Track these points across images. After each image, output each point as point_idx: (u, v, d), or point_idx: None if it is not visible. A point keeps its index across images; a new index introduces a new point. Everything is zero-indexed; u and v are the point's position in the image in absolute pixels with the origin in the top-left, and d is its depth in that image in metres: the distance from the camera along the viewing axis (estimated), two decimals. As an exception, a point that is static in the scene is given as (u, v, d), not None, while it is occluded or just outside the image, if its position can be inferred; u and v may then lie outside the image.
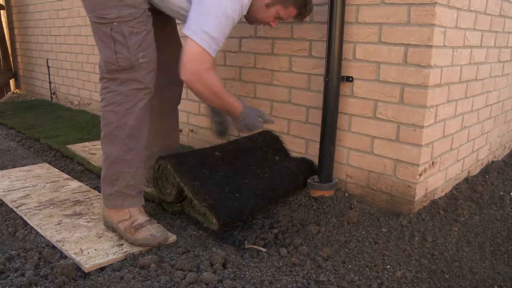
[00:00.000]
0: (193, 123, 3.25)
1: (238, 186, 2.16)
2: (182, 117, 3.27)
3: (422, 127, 2.04)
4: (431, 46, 1.96)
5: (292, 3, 2.07)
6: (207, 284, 1.63)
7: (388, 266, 1.80)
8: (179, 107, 2.49)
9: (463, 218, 2.17)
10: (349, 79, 2.24)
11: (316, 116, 2.41)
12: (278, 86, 2.61)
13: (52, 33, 5.13)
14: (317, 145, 2.34)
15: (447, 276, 1.78)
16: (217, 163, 2.26)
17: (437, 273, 1.79)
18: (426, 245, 1.94)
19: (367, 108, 2.22)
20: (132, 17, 1.82)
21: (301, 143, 2.55)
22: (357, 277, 1.71)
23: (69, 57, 4.89)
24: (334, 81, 2.19)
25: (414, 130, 2.06)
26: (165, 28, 2.20)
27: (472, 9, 2.21)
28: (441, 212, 2.20)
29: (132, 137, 1.91)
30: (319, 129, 2.31)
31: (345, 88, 2.27)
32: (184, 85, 2.26)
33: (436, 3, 1.90)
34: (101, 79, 1.91)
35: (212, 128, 2.38)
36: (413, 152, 2.09)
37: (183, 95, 3.21)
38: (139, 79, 1.86)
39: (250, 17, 2.08)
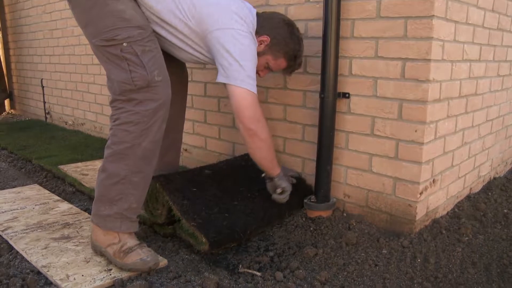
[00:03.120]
0: (187, 143, 3.19)
1: (227, 207, 2.08)
2: (176, 136, 3.20)
3: (422, 143, 1.97)
4: (429, 60, 1.90)
5: (282, 55, 2.11)
6: (198, 312, 1.55)
7: (390, 290, 1.72)
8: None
9: (467, 238, 2.09)
10: (346, 95, 2.18)
11: (313, 134, 2.34)
12: (273, 104, 2.55)
13: (47, 53, 5.10)
14: (314, 164, 2.26)
15: (451, 300, 1.69)
16: (207, 182, 2.20)
17: (441, 297, 1.71)
18: (428, 267, 1.85)
19: (364, 125, 2.15)
20: (141, 37, 1.77)
21: (298, 162, 2.48)
22: (357, 303, 1.62)
23: (63, 77, 4.84)
24: (330, 98, 2.13)
25: (414, 147, 1.99)
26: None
27: (470, 22, 2.16)
28: (444, 231, 2.12)
29: (145, 160, 1.83)
30: (315, 147, 2.24)
31: (341, 104, 2.21)
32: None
33: (433, 16, 1.85)
34: (113, 101, 1.82)
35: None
36: (413, 169, 2.02)
37: (177, 113, 3.16)
38: (156, 98, 1.79)
39: None
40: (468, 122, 2.38)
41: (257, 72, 2.14)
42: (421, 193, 2.04)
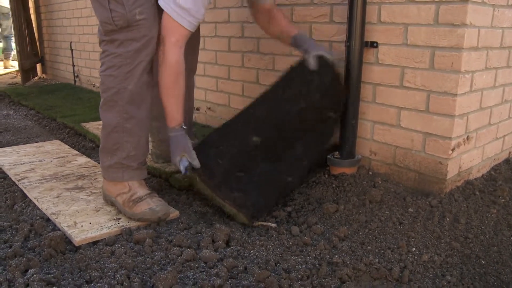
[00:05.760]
0: (211, 100, 3.09)
1: (280, 184, 1.93)
2: (199, 95, 3.11)
3: (456, 95, 1.80)
4: (466, 1, 1.71)
5: None
6: (205, 263, 1.46)
7: (414, 249, 1.59)
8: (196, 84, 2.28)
9: (503, 200, 1.93)
10: (374, 44, 2.02)
11: (338, 87, 2.19)
12: (298, 57, 2.40)
13: (75, 15, 5.06)
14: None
15: (483, 262, 1.55)
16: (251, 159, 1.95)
17: (471, 258, 1.57)
18: (458, 227, 1.71)
19: (393, 76, 1.99)
20: None
21: (322, 118, 2.34)
22: (376, 260, 1.50)
23: (91, 39, 4.80)
24: (357, 47, 1.97)
25: (446, 98, 1.83)
26: None
27: (516, -38, 1.96)
28: (477, 193, 1.96)
29: (133, 104, 1.75)
30: (340, 101, 2.10)
31: (369, 54, 2.05)
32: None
33: (473, -50, 1.66)
34: (100, 43, 1.77)
35: None
36: (445, 123, 1.85)
37: (201, 71, 3.06)
38: (138, 38, 1.69)
39: None
40: (510, 77, 2.18)
41: None
42: (453, 150, 1.87)
